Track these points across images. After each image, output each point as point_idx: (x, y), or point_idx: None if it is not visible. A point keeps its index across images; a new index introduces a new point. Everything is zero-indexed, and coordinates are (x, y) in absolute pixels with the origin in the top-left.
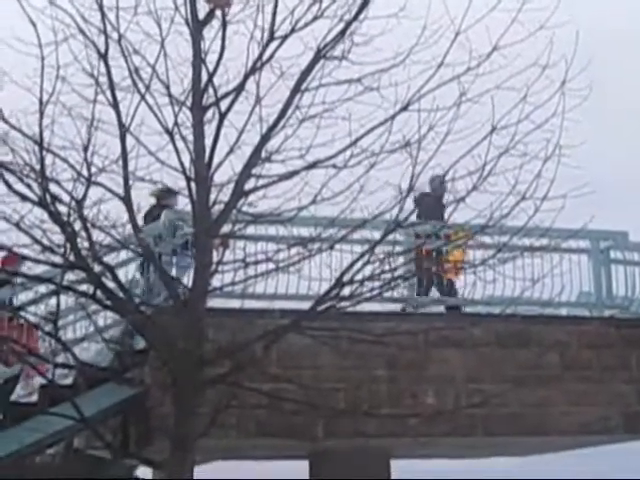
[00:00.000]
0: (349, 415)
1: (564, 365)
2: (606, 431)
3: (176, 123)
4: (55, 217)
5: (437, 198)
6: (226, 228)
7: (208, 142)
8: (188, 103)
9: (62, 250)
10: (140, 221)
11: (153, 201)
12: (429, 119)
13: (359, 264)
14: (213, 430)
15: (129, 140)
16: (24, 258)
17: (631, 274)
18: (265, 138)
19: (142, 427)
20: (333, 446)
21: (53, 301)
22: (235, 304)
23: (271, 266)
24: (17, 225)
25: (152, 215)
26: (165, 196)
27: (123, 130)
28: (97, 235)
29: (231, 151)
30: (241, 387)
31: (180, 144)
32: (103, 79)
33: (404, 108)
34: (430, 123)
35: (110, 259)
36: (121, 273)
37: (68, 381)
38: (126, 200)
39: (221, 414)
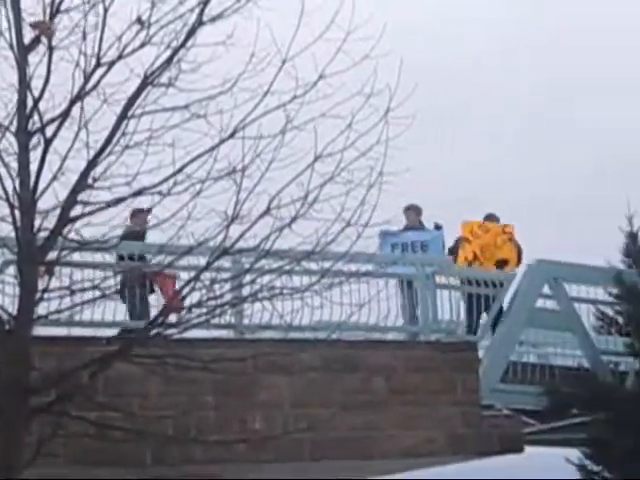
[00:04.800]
0: (177, 442)
1: (390, 389)
2: (432, 453)
3: None
4: None
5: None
6: (52, 255)
7: (33, 168)
8: (12, 129)
9: None
10: None
11: None
12: (254, 146)
13: (186, 290)
14: (39, 460)
15: None
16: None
17: (456, 299)
18: (91, 164)
19: None
20: (162, 473)
21: None
22: (61, 332)
23: (98, 293)
24: None
25: None
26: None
27: None
28: None
29: (55, 177)
30: (68, 416)
31: (2, 170)
32: None
33: (230, 136)
34: (256, 151)
35: None
36: None
37: None
38: None
39: (47, 443)
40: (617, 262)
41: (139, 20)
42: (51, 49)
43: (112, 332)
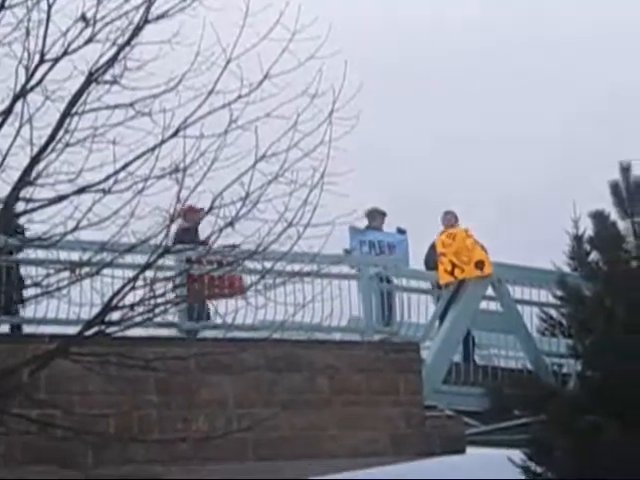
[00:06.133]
0: (118, 441)
1: (333, 389)
2: (374, 453)
3: None
4: None
5: None
6: None
7: None
8: None
9: None
10: None
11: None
12: (198, 145)
13: (127, 289)
14: None
15: None
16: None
17: (400, 300)
18: (34, 161)
19: None
20: (103, 473)
21: None
22: (3, 329)
23: (39, 290)
24: None
25: None
26: (374, 217)
27: None
28: None
29: None
30: (8, 414)
31: None
32: None
33: (174, 134)
34: (199, 149)
35: None
36: None
37: None
38: None
39: None
40: (563, 264)
41: (83, 17)
42: None
43: (55, 330)
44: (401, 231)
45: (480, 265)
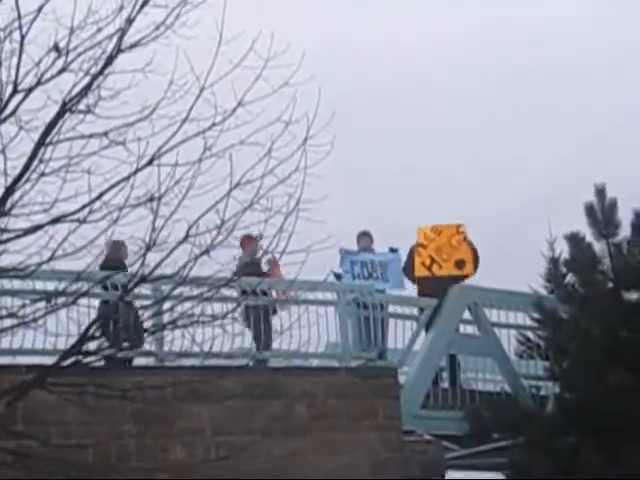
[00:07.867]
0: (96, 471)
1: (312, 415)
2: (354, 479)
3: None
4: None
5: None
6: None
7: None
8: None
9: None
10: None
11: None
12: (173, 174)
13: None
14: None
15: None
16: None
17: (377, 325)
18: (8, 191)
19: None
20: None
21: None
22: None
23: (15, 321)
24: None
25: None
26: (360, 238)
27: None
28: None
29: None
30: None
31: None
32: None
33: (148, 163)
34: (173, 178)
35: None
36: None
37: None
38: None
39: None
40: (539, 287)
41: (56, 47)
42: None
43: (31, 360)
44: (393, 250)
45: (461, 264)
